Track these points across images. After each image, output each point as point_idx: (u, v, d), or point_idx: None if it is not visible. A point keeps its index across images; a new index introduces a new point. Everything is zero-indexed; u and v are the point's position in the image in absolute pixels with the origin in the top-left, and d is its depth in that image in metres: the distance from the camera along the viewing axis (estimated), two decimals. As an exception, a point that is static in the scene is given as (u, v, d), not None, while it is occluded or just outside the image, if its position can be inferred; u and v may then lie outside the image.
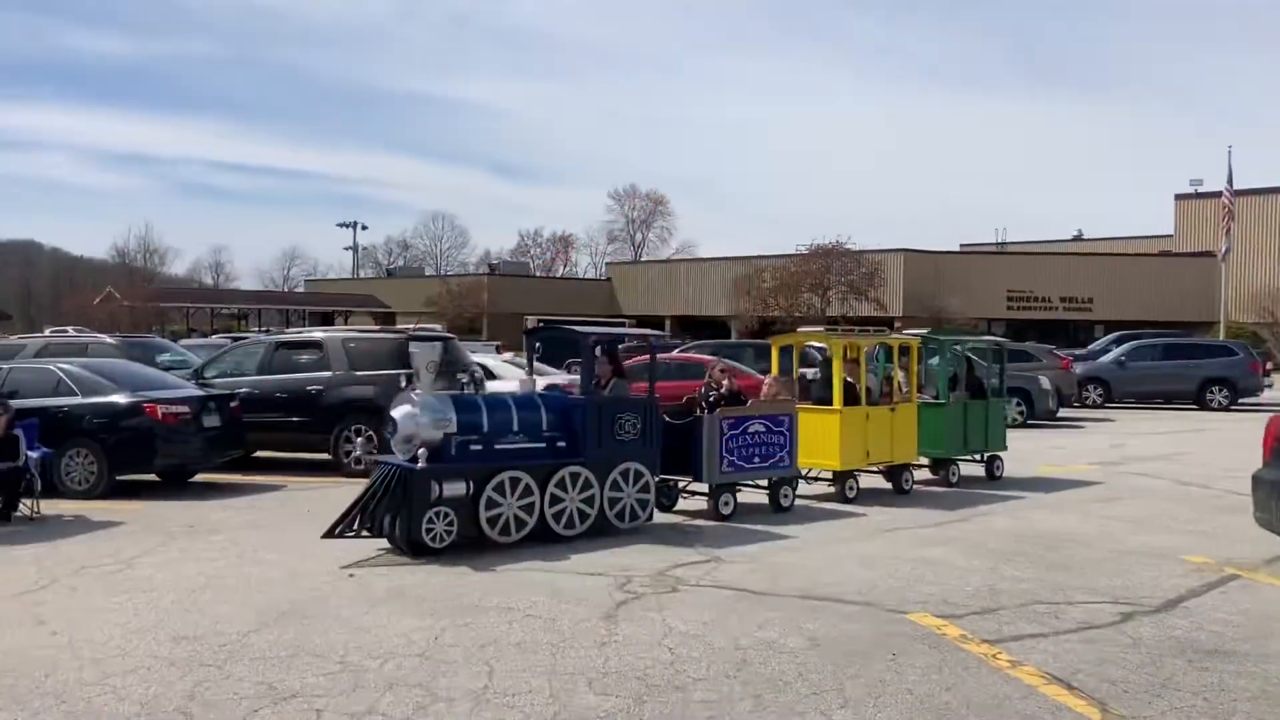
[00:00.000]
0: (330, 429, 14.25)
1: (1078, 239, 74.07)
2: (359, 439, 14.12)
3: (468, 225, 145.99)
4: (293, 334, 17.41)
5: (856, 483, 12.20)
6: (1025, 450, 17.20)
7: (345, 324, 55.22)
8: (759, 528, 10.37)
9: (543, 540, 9.31)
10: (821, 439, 11.84)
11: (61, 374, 12.83)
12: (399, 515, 8.76)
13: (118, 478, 12.42)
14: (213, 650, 6.28)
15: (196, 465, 13.32)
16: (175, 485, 13.26)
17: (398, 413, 9.00)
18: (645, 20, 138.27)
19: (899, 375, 13.37)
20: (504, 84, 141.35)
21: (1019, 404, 21.65)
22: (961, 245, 74.65)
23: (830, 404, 12.05)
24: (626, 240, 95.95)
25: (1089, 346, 34.64)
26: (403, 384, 9.47)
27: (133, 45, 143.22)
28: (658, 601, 7.46)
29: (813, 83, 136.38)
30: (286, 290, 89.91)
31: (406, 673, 5.88)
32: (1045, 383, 22.45)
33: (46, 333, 33.16)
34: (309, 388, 14.49)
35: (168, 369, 16.74)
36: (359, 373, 14.38)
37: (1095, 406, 26.88)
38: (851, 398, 12.02)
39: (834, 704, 5.47)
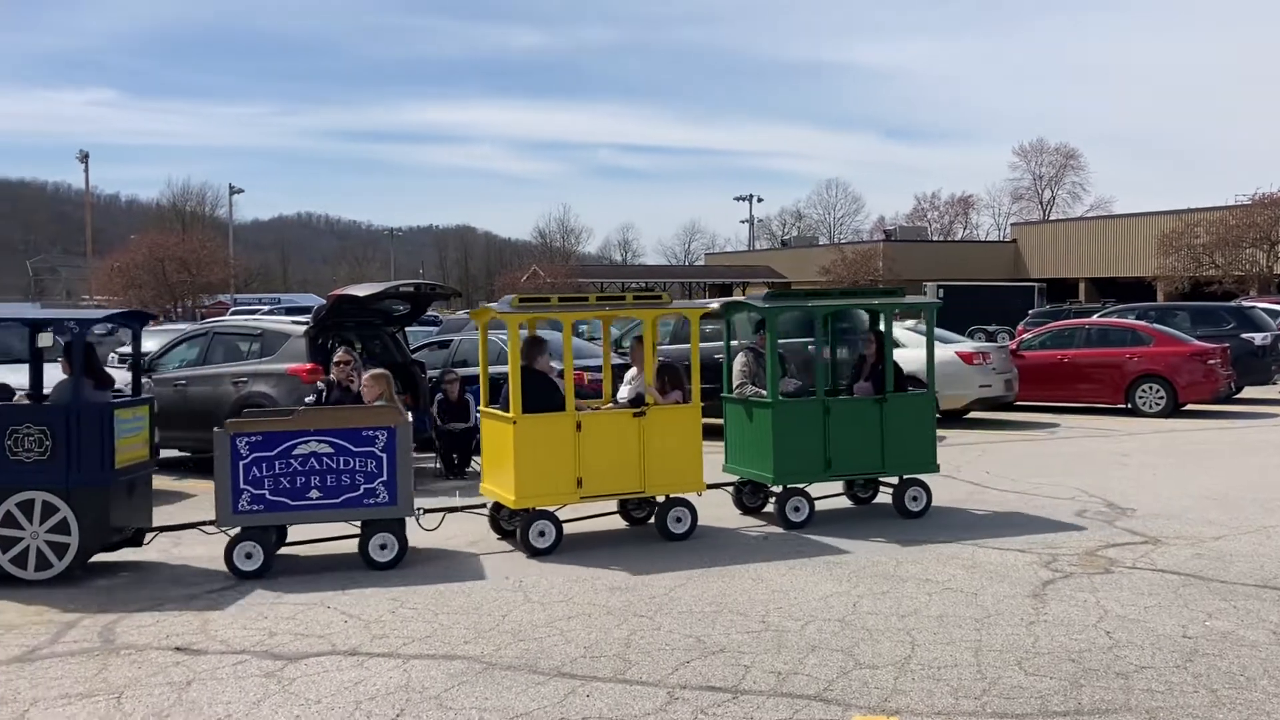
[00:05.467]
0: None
1: None
2: None
3: (861, 191, 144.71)
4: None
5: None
6: None
7: (742, 294, 56.71)
8: (1193, 511, 9.42)
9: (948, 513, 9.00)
10: (501, 461, 8.52)
11: (502, 344, 14.16)
12: None
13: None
14: (644, 601, 6.69)
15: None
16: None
17: None
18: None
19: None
20: (895, 43, 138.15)
21: None
22: None
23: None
24: (1033, 199, 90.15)
25: None
26: None
27: (543, 39, 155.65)
28: (1089, 582, 6.98)
29: (1251, 7, 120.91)
30: (687, 264, 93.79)
31: (827, 637, 5.93)
32: None
33: (484, 308, 37.10)
34: (714, 356, 15.04)
35: (590, 339, 18.11)
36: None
37: None
38: (549, 399, 8.41)
39: (1310, 708, 4.84)
